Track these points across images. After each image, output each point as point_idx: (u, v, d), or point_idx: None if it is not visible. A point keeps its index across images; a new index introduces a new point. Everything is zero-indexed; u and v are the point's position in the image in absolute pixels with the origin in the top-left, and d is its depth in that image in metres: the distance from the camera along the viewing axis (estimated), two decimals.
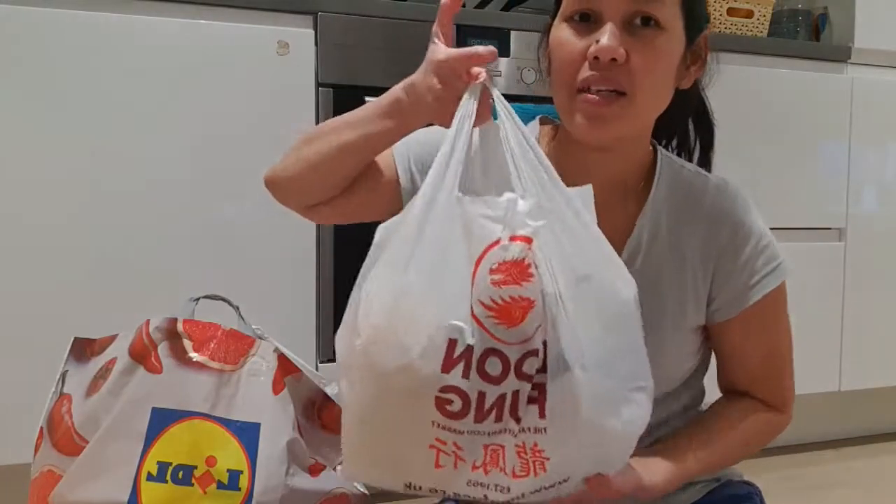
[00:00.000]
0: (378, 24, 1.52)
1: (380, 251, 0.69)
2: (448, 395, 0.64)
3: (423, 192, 0.68)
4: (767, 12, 1.94)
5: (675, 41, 0.79)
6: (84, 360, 1.00)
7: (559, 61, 0.79)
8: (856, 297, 1.92)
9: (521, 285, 0.64)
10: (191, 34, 1.41)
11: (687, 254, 0.85)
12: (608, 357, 0.68)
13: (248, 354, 0.95)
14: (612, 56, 0.74)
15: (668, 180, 0.87)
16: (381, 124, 0.79)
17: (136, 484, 0.86)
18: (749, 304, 0.85)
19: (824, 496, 1.69)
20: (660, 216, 0.86)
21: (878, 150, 1.95)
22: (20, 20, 1.32)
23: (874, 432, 2.10)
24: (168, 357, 0.92)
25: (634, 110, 0.77)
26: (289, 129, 1.48)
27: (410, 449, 0.68)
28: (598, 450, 0.69)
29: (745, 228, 0.85)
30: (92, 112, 1.37)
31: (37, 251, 1.35)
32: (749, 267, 0.85)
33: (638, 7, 0.76)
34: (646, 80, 0.76)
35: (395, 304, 0.65)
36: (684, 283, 0.85)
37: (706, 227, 0.85)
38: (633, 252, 0.85)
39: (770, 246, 0.86)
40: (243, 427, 0.90)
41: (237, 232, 1.46)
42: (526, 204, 0.66)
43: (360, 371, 0.67)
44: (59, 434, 0.92)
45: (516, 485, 0.68)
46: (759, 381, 0.90)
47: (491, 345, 0.64)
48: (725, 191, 0.87)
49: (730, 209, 0.86)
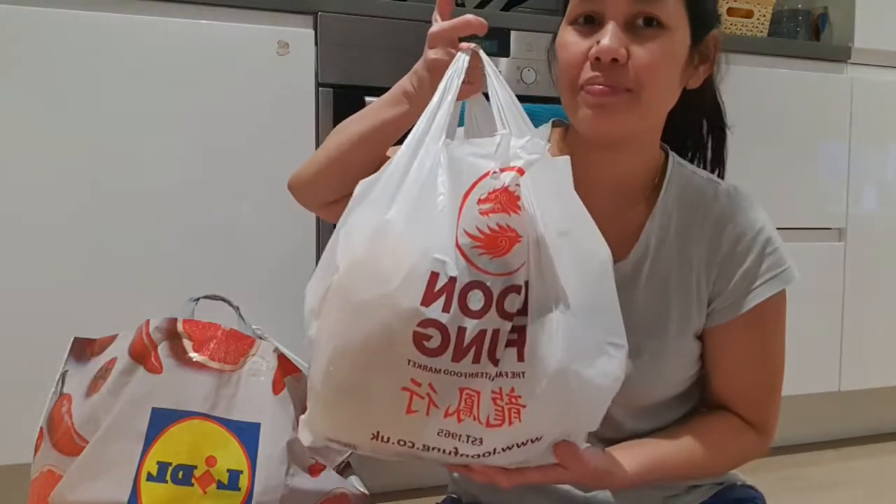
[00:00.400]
0: (378, 24, 1.52)
1: (361, 198, 0.68)
2: (427, 331, 0.62)
3: (408, 141, 0.68)
4: (767, 12, 1.94)
5: (679, 40, 0.78)
6: (84, 360, 1.00)
7: (563, 63, 0.80)
8: (856, 297, 1.92)
9: (510, 215, 0.63)
10: (191, 34, 1.41)
11: (693, 259, 0.85)
12: (588, 307, 0.67)
13: (248, 354, 0.95)
14: (612, 56, 0.74)
15: (677, 185, 0.87)
16: (391, 111, 0.82)
17: (136, 484, 0.86)
18: (745, 309, 0.84)
19: (824, 496, 1.69)
20: (668, 221, 0.86)
21: (878, 150, 1.95)
22: (20, 20, 1.32)
23: (874, 432, 2.10)
24: (168, 357, 0.92)
25: (640, 106, 0.77)
26: (289, 129, 1.49)
27: (383, 392, 0.65)
28: (573, 402, 0.68)
29: (750, 235, 0.85)
30: (92, 112, 1.37)
31: (37, 251, 1.35)
32: (751, 273, 0.84)
33: (640, 7, 0.76)
34: (649, 78, 0.76)
35: (377, 235, 0.64)
36: (689, 289, 0.85)
37: (712, 232, 0.85)
38: (640, 257, 0.85)
39: (775, 253, 0.85)
40: (243, 427, 0.90)
41: (237, 232, 1.46)
42: (518, 140, 0.65)
43: (336, 304, 0.65)
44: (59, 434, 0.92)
45: (490, 435, 0.66)
46: (745, 399, 0.88)
47: (474, 277, 0.63)
48: (734, 197, 0.87)
49: (737, 215, 0.85)
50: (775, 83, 1.83)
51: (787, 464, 1.87)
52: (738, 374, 0.87)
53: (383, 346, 0.63)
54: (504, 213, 0.63)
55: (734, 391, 0.88)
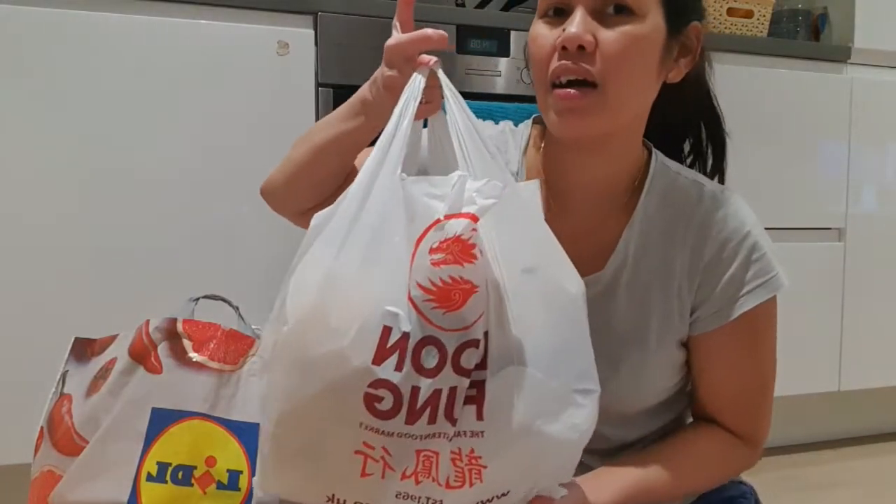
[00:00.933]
0: (378, 24, 1.52)
1: (315, 234, 0.64)
2: (378, 392, 0.58)
3: (363, 172, 0.63)
4: (767, 12, 1.94)
5: (651, 28, 0.75)
6: (84, 360, 1.00)
7: (533, 57, 0.77)
8: (856, 297, 1.92)
9: (463, 266, 0.58)
10: (191, 34, 1.41)
11: (676, 265, 0.82)
12: (554, 354, 0.63)
13: (247, 354, 0.95)
14: (578, 42, 0.72)
15: (660, 187, 0.83)
16: (351, 123, 0.78)
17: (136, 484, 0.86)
18: (731, 318, 0.81)
19: (824, 496, 1.69)
20: (650, 226, 0.83)
21: (878, 150, 1.95)
22: (21, 20, 1.32)
23: (874, 432, 2.10)
24: (168, 357, 0.92)
25: (608, 105, 0.74)
26: (289, 129, 1.48)
27: (335, 454, 0.61)
28: (539, 459, 0.64)
29: (735, 240, 0.81)
30: (92, 112, 1.37)
31: (36, 251, 1.35)
32: (736, 280, 0.81)
33: None
34: (617, 67, 0.73)
35: (328, 285, 0.60)
36: (671, 296, 0.82)
37: (696, 237, 0.81)
38: (619, 265, 0.82)
39: (762, 259, 0.81)
40: (243, 427, 0.90)
41: (237, 231, 1.46)
42: (475, 183, 0.61)
43: (284, 361, 0.61)
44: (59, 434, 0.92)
45: (451, 496, 0.62)
46: (732, 408, 0.85)
47: (427, 332, 0.59)
48: (720, 199, 0.83)
49: (721, 219, 0.81)
50: (775, 83, 1.83)
51: (786, 464, 1.87)
52: (725, 384, 0.84)
53: (334, 407, 0.59)
54: (457, 265, 0.58)
55: (721, 401, 0.85)
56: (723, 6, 1.89)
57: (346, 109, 0.80)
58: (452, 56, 1.57)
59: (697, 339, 0.83)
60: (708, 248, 0.81)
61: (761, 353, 0.85)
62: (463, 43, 1.58)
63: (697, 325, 0.83)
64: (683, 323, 0.83)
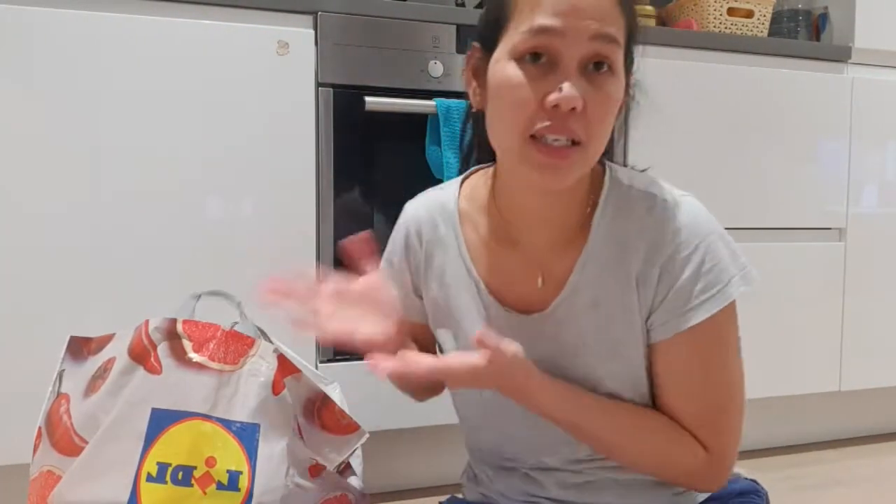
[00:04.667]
0: (378, 24, 1.52)
1: None
2: None
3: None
4: (767, 12, 1.93)
5: (621, 85, 0.77)
6: (81, 358, 1.00)
7: (509, 104, 0.75)
8: (856, 297, 1.92)
9: None
10: (191, 34, 1.41)
11: (632, 278, 0.82)
12: None
13: (247, 355, 0.94)
14: (573, 105, 0.72)
15: (613, 204, 0.84)
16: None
17: (136, 485, 0.86)
18: (679, 330, 0.81)
19: (824, 496, 1.68)
20: (605, 244, 0.83)
21: (878, 149, 1.95)
22: (21, 20, 1.32)
23: (874, 432, 2.10)
24: (168, 357, 0.92)
25: (587, 158, 0.76)
26: (289, 129, 1.49)
27: None
28: None
29: (685, 252, 0.80)
30: (91, 111, 1.36)
31: (35, 250, 1.35)
32: (684, 292, 0.81)
33: (596, 49, 0.73)
34: (600, 129, 0.75)
35: None
36: (632, 308, 0.83)
37: (647, 249, 0.82)
38: (578, 284, 0.83)
39: (713, 270, 0.80)
40: (243, 427, 0.90)
41: (237, 231, 1.46)
42: None
43: None
44: (57, 434, 0.92)
45: None
46: (690, 419, 0.83)
47: None
48: (672, 210, 0.82)
49: (673, 230, 0.81)
50: (775, 83, 1.83)
51: (787, 463, 1.87)
52: (680, 393, 0.84)
53: None
54: None
55: (677, 410, 0.84)
56: (723, 6, 1.89)
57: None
58: (452, 56, 1.57)
59: (652, 347, 0.84)
60: (659, 259, 0.82)
61: (716, 364, 0.83)
62: (463, 43, 1.58)
63: (651, 333, 0.84)
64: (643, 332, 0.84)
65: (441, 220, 0.92)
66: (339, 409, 1.00)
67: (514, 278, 0.87)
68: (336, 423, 1.00)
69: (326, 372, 1.45)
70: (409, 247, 0.96)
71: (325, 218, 1.51)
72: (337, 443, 1.00)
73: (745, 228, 1.78)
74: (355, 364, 1.50)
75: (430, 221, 0.93)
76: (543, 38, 0.73)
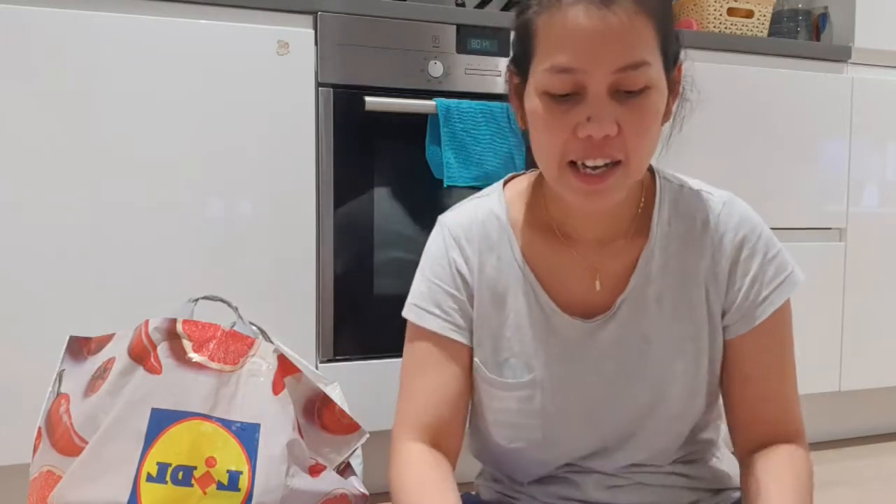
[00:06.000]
0: (378, 24, 1.52)
1: None
2: None
3: None
4: (767, 12, 1.94)
5: (661, 92, 0.74)
6: (81, 358, 1.00)
7: (545, 137, 0.75)
8: (856, 297, 1.92)
9: None
10: (191, 34, 1.41)
11: (700, 274, 0.84)
12: None
13: (247, 355, 0.94)
14: (606, 133, 0.71)
15: (669, 203, 0.85)
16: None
17: (136, 485, 0.86)
18: (760, 319, 0.83)
19: (824, 496, 1.68)
20: (668, 241, 0.84)
21: (878, 149, 1.95)
22: (21, 20, 1.32)
23: (874, 432, 2.10)
24: (168, 357, 0.92)
25: (628, 174, 0.75)
26: (289, 129, 1.49)
27: None
28: None
29: (751, 241, 0.83)
30: (91, 111, 1.36)
31: (35, 250, 1.35)
32: (758, 281, 0.83)
33: (624, 78, 0.71)
34: (640, 144, 0.73)
35: None
36: (699, 304, 0.84)
37: (713, 243, 0.84)
38: (643, 282, 0.84)
39: (779, 256, 0.84)
40: (243, 427, 0.90)
41: (237, 231, 1.46)
42: None
43: None
44: (57, 434, 0.92)
45: None
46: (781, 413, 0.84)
47: None
48: (729, 204, 0.85)
49: (735, 223, 0.84)
50: (775, 83, 1.83)
51: None
52: (769, 386, 0.84)
53: None
54: None
55: (769, 406, 0.84)
56: (723, 6, 1.89)
57: None
58: (452, 56, 1.57)
59: (732, 344, 0.85)
60: (727, 252, 0.83)
61: (789, 347, 0.86)
62: (463, 43, 1.58)
63: (729, 330, 0.84)
64: (716, 330, 0.84)
65: (492, 227, 0.88)
66: (339, 409, 1.00)
67: (571, 281, 0.86)
68: (336, 423, 1.00)
69: (326, 372, 1.45)
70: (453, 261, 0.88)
71: (325, 218, 1.51)
72: (337, 443, 1.00)
73: None
74: (355, 364, 1.50)
75: (481, 229, 0.88)
76: (565, 77, 0.71)
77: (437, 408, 0.86)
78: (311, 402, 0.98)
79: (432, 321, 0.87)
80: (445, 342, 0.87)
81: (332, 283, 1.52)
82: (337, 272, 1.52)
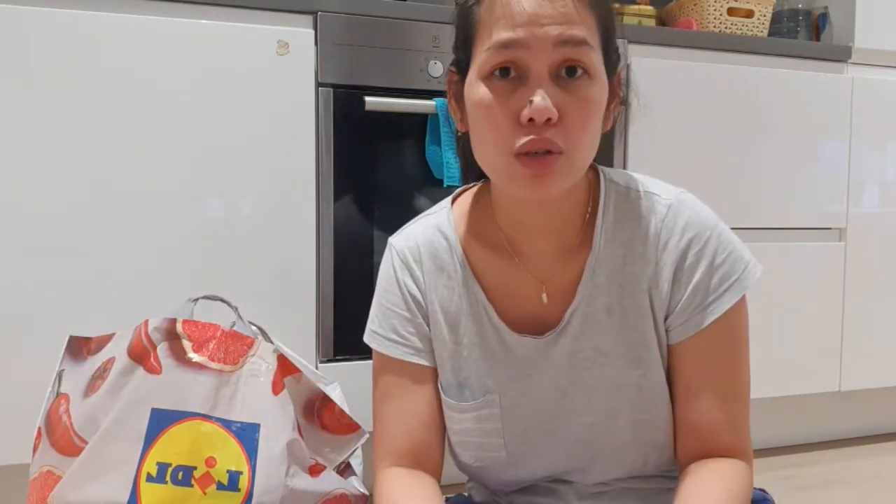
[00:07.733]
0: (378, 24, 1.52)
1: None
2: None
3: None
4: (767, 12, 1.94)
5: (602, 87, 0.74)
6: (80, 358, 1.00)
7: (488, 127, 0.74)
8: (856, 297, 1.92)
9: None
10: (191, 34, 1.41)
11: (644, 282, 0.81)
12: None
13: (247, 355, 0.94)
14: (547, 116, 0.70)
15: (613, 208, 0.83)
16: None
17: (136, 485, 0.86)
18: (702, 326, 0.80)
19: (824, 496, 1.68)
20: (611, 250, 0.82)
21: (878, 149, 1.95)
22: (21, 19, 1.32)
23: (874, 432, 2.10)
24: (167, 358, 0.92)
25: (572, 166, 0.74)
26: (289, 129, 1.49)
27: None
28: None
29: (696, 247, 0.80)
30: (91, 111, 1.36)
31: (35, 250, 1.35)
32: (702, 288, 0.80)
33: (564, 55, 0.71)
34: (581, 137, 0.73)
35: None
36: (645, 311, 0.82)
37: (656, 250, 0.81)
38: (591, 293, 0.82)
39: (727, 262, 0.80)
40: (243, 428, 0.90)
41: (237, 231, 1.46)
42: None
43: None
44: (57, 434, 0.92)
45: None
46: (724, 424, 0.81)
47: None
48: (676, 207, 0.82)
49: (680, 228, 0.81)
50: (775, 83, 1.83)
51: (787, 463, 1.87)
52: (708, 394, 0.81)
53: None
54: None
55: (705, 413, 0.81)
56: (723, 6, 1.89)
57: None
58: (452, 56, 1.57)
59: (675, 350, 0.82)
60: (671, 258, 0.81)
61: (740, 355, 0.82)
62: None
63: (671, 335, 0.82)
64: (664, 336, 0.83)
65: (441, 246, 0.88)
66: (339, 409, 1.00)
67: (521, 297, 0.84)
68: (336, 423, 1.00)
69: (326, 372, 1.45)
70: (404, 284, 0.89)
71: (325, 218, 1.51)
72: (337, 443, 1.00)
73: (744, 228, 1.78)
74: (355, 364, 1.50)
75: (429, 249, 0.88)
76: (507, 53, 0.71)
77: (411, 433, 0.86)
78: (311, 403, 0.98)
79: (392, 348, 0.88)
80: (409, 367, 0.87)
81: (332, 283, 1.52)
82: (337, 272, 1.52)
